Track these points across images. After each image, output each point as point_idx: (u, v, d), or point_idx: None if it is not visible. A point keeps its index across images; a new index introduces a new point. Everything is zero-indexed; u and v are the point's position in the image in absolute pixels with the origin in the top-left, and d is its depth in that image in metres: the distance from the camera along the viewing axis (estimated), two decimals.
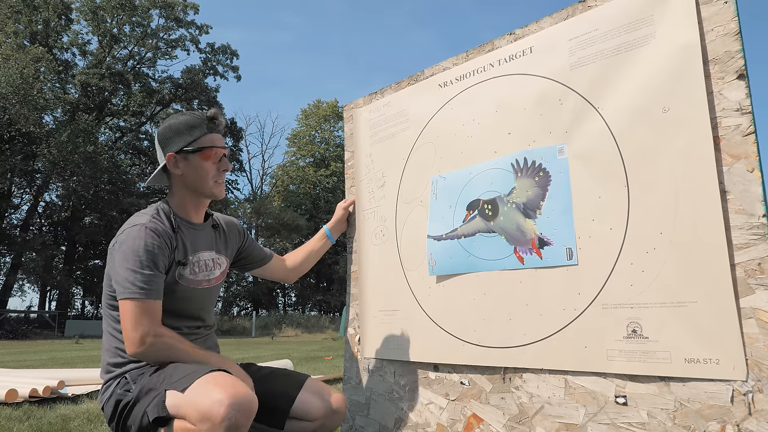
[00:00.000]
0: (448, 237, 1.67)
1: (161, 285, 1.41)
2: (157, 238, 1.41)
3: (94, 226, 27.81)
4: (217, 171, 1.53)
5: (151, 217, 1.46)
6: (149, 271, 1.37)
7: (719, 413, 1.12)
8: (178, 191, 1.54)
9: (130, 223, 1.45)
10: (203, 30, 31.65)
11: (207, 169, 1.51)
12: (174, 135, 1.50)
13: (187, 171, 1.51)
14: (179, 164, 1.50)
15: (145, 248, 1.38)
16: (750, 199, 1.13)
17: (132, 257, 1.37)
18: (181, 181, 1.53)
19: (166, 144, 1.51)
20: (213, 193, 1.54)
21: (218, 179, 1.54)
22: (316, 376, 4.73)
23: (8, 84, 19.83)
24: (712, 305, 1.15)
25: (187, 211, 1.56)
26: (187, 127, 1.50)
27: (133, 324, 1.33)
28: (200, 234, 1.58)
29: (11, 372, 4.71)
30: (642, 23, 1.32)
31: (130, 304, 1.34)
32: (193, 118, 1.51)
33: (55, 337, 18.86)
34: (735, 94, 1.17)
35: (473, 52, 1.74)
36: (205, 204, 1.60)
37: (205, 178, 1.51)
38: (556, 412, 1.37)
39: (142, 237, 1.39)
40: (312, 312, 35.62)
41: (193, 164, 1.50)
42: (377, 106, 2.02)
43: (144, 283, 1.35)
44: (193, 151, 1.49)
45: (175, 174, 1.52)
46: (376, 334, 1.87)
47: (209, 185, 1.53)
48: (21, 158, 22.43)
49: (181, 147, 1.49)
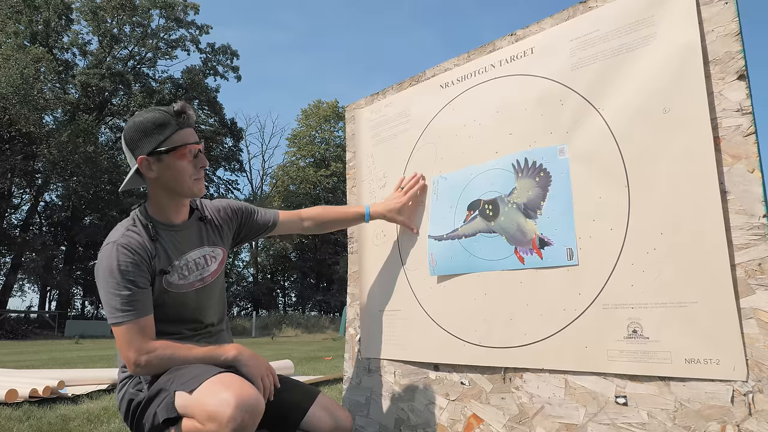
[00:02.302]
0: (449, 237, 1.68)
1: (146, 300, 1.37)
2: (130, 254, 1.35)
3: (94, 227, 27.80)
4: (194, 168, 1.44)
5: (125, 230, 1.40)
6: (127, 291, 1.32)
7: (719, 413, 1.12)
8: (156, 194, 1.46)
9: (106, 240, 1.40)
10: (203, 30, 31.69)
11: (183, 169, 1.42)
12: (142, 136, 1.39)
13: (162, 173, 1.41)
14: (152, 167, 1.40)
15: (119, 268, 1.33)
16: (750, 200, 1.13)
17: (109, 279, 1.33)
18: (157, 184, 1.44)
19: (135, 146, 1.40)
20: (192, 191, 1.46)
21: (196, 176, 1.45)
22: (316, 377, 4.72)
23: (8, 84, 19.85)
24: (713, 305, 1.15)
25: (167, 213, 1.48)
26: (154, 125, 1.39)
27: (125, 347, 1.32)
28: (184, 234, 1.51)
29: (11, 372, 4.71)
30: (643, 24, 1.33)
31: (118, 330, 1.33)
32: (161, 115, 1.40)
33: (55, 338, 18.84)
34: (735, 94, 1.17)
35: (474, 52, 1.74)
36: (185, 203, 1.52)
37: (181, 178, 1.42)
38: (556, 412, 1.37)
39: (115, 256, 1.34)
40: (312, 312, 35.62)
41: (168, 165, 1.40)
42: (379, 106, 2.03)
43: (124, 304, 1.32)
44: (165, 152, 1.39)
45: (149, 177, 1.42)
46: (376, 334, 1.87)
47: (188, 185, 1.44)
48: (21, 158, 22.42)
49: (152, 148, 1.39)
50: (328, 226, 1.84)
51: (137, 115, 1.42)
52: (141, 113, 1.42)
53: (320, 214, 1.81)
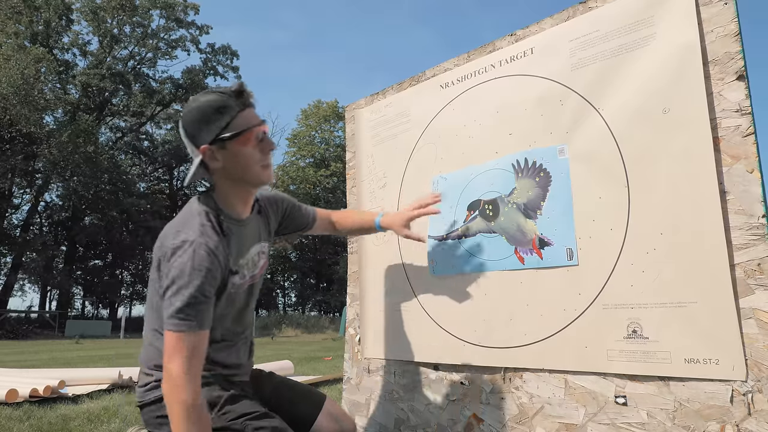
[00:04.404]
0: (449, 237, 1.68)
1: (210, 313, 1.24)
2: (211, 258, 1.22)
3: (94, 227, 27.83)
4: (261, 153, 1.32)
5: (201, 228, 1.26)
6: (198, 300, 1.19)
7: (719, 413, 1.12)
8: (222, 185, 1.33)
9: (180, 236, 1.24)
10: (203, 30, 31.71)
11: (250, 155, 1.29)
12: (203, 123, 1.27)
13: (228, 161, 1.29)
14: (217, 155, 1.28)
15: (195, 271, 1.20)
16: (750, 200, 1.13)
17: (182, 282, 1.19)
18: (223, 174, 1.31)
19: (196, 135, 1.28)
20: (261, 179, 1.33)
21: (264, 162, 1.32)
22: (316, 377, 4.73)
23: (9, 84, 19.86)
24: (712, 305, 1.15)
25: (235, 206, 1.35)
26: (214, 110, 1.27)
27: (171, 354, 1.18)
28: (248, 229, 1.39)
29: (12, 372, 4.71)
30: (642, 24, 1.33)
31: (171, 336, 1.19)
32: (219, 98, 1.28)
33: (56, 337, 18.85)
34: (735, 95, 1.17)
35: (474, 53, 1.74)
36: (253, 194, 1.40)
37: (249, 165, 1.30)
38: (556, 412, 1.37)
39: (192, 258, 1.20)
40: (312, 312, 35.62)
41: (233, 152, 1.28)
42: (379, 106, 2.03)
43: (188, 313, 1.18)
44: (229, 138, 1.27)
45: (214, 167, 1.30)
46: (376, 335, 1.87)
47: (256, 172, 1.31)
48: (21, 158, 22.44)
49: (215, 135, 1.26)
50: (350, 233, 1.77)
51: (193, 101, 1.30)
52: (197, 98, 1.30)
53: (344, 218, 1.73)
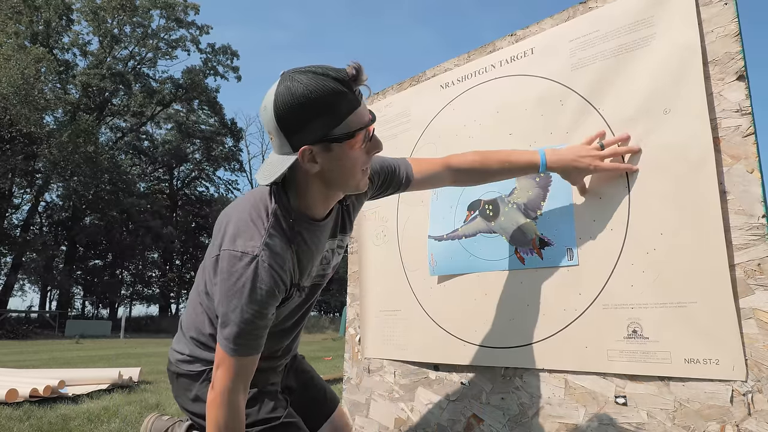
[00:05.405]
0: (449, 237, 1.68)
1: (264, 338, 1.11)
2: (274, 280, 1.05)
3: (94, 226, 27.85)
4: (367, 156, 1.07)
5: (268, 237, 1.06)
6: (254, 326, 1.06)
7: (719, 413, 1.12)
8: (308, 187, 1.10)
9: (239, 243, 1.06)
10: (203, 30, 31.75)
11: (356, 160, 1.05)
12: (309, 115, 0.97)
13: (328, 165, 1.03)
14: (317, 158, 1.02)
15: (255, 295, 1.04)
16: (750, 200, 1.13)
17: (235, 304, 1.04)
18: (315, 177, 1.07)
19: (296, 129, 0.99)
20: (359, 186, 1.10)
21: (365, 166, 1.09)
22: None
23: (9, 84, 19.86)
24: (712, 306, 1.15)
25: (316, 207, 1.13)
26: (325, 102, 0.97)
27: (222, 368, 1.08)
28: (323, 227, 1.18)
29: (11, 372, 4.71)
30: (642, 24, 1.33)
31: (223, 353, 1.08)
32: (332, 85, 0.96)
33: (56, 337, 18.86)
34: (735, 95, 1.17)
35: (474, 53, 1.75)
36: (340, 196, 1.17)
37: (353, 171, 1.06)
38: (556, 412, 1.37)
39: (253, 276, 1.03)
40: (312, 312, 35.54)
41: (337, 155, 1.02)
42: (379, 106, 2.03)
43: (240, 344, 1.06)
44: (338, 139, 1.00)
45: (307, 170, 1.04)
46: (376, 335, 1.88)
47: (357, 179, 1.08)
48: (22, 158, 22.45)
49: (323, 135, 0.99)
50: (489, 178, 1.44)
51: (296, 82, 0.97)
52: (301, 80, 0.97)
53: (481, 162, 1.38)
